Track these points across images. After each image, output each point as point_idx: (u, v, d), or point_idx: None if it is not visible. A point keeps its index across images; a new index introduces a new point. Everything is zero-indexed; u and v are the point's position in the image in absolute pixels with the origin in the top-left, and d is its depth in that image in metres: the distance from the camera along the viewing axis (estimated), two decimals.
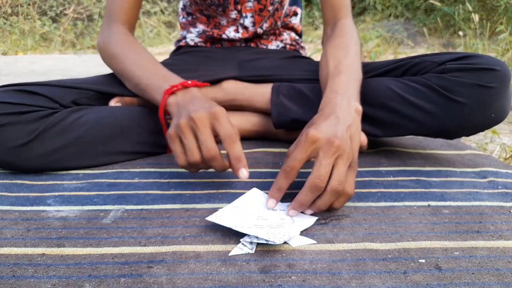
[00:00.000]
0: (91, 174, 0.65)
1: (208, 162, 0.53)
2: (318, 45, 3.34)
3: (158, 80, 0.65)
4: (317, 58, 1.33)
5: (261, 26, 0.88)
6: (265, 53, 0.89)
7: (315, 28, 4.19)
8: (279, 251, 0.44)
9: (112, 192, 0.58)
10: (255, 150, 0.77)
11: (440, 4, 3.45)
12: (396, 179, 0.63)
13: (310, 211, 0.50)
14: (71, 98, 0.68)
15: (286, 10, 0.93)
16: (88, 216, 0.51)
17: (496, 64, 0.62)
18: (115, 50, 0.72)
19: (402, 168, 0.68)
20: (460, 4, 3.31)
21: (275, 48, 0.93)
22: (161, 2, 4.52)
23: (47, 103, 0.65)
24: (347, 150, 0.49)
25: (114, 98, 0.73)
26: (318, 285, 0.38)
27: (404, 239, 0.46)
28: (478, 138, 1.12)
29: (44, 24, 4.12)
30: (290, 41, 0.95)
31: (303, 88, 0.76)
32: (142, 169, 0.67)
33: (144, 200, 0.56)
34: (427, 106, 0.65)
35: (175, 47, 0.96)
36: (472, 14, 2.75)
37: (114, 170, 0.67)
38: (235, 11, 0.86)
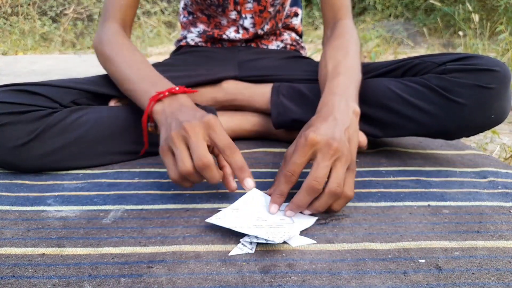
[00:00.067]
0: (91, 174, 0.65)
1: (201, 172, 0.49)
2: (318, 45, 3.34)
3: (145, 85, 0.62)
4: (317, 58, 1.33)
5: (262, 28, 0.88)
6: (265, 53, 0.89)
7: (315, 28, 4.19)
8: (279, 251, 0.44)
9: (112, 192, 0.58)
10: (255, 150, 0.77)
11: (440, 4, 3.45)
12: (396, 179, 0.63)
13: (308, 212, 0.50)
14: (70, 98, 0.68)
15: (287, 11, 0.93)
16: (88, 216, 0.51)
17: (496, 65, 0.62)
18: (106, 51, 0.70)
19: (402, 168, 0.68)
20: (460, 4, 3.30)
21: (275, 48, 0.93)
22: (161, 2, 4.52)
23: (47, 103, 0.65)
24: (345, 152, 0.48)
25: (113, 99, 0.73)
26: (318, 285, 0.38)
27: (404, 239, 0.46)
28: (478, 138, 1.12)
29: (44, 24, 4.12)
30: (290, 41, 0.95)
31: (303, 88, 0.76)
32: (142, 169, 0.67)
33: (144, 200, 0.56)
34: (427, 106, 0.65)
35: (176, 47, 0.96)
36: (472, 14, 2.75)
37: (114, 170, 0.67)
38: (235, 12, 0.86)
